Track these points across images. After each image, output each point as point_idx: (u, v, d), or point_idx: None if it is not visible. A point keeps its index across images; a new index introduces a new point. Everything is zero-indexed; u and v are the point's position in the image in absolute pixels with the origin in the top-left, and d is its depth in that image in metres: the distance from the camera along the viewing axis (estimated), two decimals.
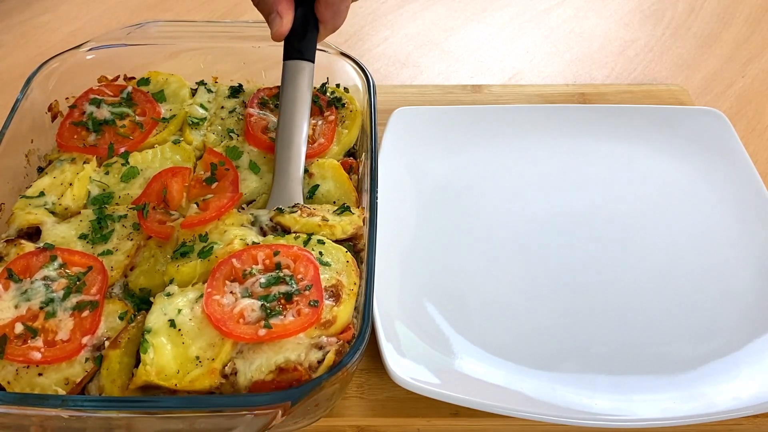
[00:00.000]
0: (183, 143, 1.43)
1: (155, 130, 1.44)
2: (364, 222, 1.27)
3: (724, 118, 1.65)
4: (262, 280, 1.13)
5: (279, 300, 1.10)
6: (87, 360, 1.06)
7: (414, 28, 2.15)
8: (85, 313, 1.10)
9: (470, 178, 1.58)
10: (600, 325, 1.32)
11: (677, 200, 1.54)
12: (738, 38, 2.09)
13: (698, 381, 1.23)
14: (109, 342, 1.09)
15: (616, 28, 2.15)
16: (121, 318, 1.11)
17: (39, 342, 1.06)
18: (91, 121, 1.43)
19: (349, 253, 1.21)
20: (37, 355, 1.04)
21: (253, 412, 0.96)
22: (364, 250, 1.24)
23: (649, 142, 1.64)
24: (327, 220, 1.25)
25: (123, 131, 1.42)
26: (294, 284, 1.12)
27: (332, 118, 1.48)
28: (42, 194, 1.31)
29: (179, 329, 1.08)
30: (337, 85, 1.55)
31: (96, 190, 1.34)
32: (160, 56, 1.57)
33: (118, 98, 1.49)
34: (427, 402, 1.18)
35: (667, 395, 1.21)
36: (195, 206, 1.28)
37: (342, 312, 1.12)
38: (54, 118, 1.48)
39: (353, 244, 1.26)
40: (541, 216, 1.51)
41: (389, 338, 1.24)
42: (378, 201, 1.26)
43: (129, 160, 1.38)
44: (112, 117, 1.44)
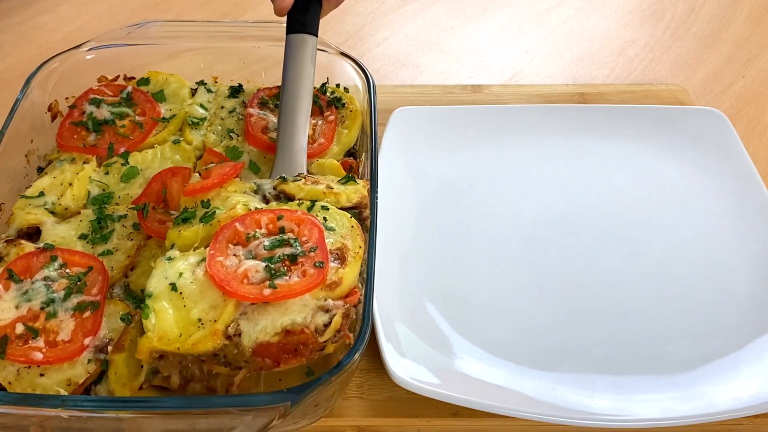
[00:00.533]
0: (183, 143, 1.43)
1: (155, 130, 1.44)
2: (368, 192, 1.26)
3: (724, 118, 1.65)
4: (266, 242, 1.11)
5: (283, 262, 1.08)
6: (90, 361, 1.06)
7: (414, 28, 2.15)
8: (87, 314, 1.10)
9: (470, 178, 1.58)
10: (600, 325, 1.32)
11: (677, 200, 1.54)
12: (738, 38, 2.09)
13: (698, 381, 1.23)
14: (113, 345, 1.09)
15: (616, 28, 2.15)
16: (122, 319, 1.11)
17: (40, 342, 1.06)
18: (90, 121, 1.43)
19: (353, 219, 1.20)
20: (39, 356, 1.04)
21: (253, 412, 0.96)
22: (369, 219, 1.23)
23: (649, 142, 1.64)
24: (332, 188, 1.24)
25: (123, 131, 1.42)
26: (298, 246, 1.10)
27: (332, 118, 1.48)
28: (42, 194, 1.31)
29: (180, 292, 1.06)
30: (337, 85, 1.55)
31: (96, 190, 1.34)
32: (160, 56, 1.57)
33: (118, 98, 1.49)
34: (427, 402, 1.18)
35: (667, 395, 1.21)
36: (197, 175, 1.27)
37: (348, 274, 1.10)
38: (54, 118, 1.48)
39: (358, 212, 1.25)
40: (541, 216, 1.51)
41: (389, 338, 1.24)
42: (378, 201, 1.26)
43: (129, 160, 1.38)
44: (111, 117, 1.44)
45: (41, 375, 1.04)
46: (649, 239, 1.46)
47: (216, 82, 1.60)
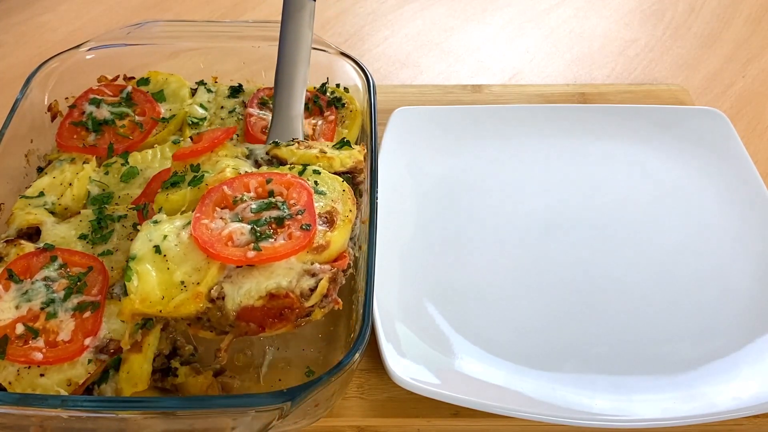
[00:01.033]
0: (183, 143, 1.43)
1: (155, 130, 1.44)
2: (364, 158, 1.24)
3: (724, 117, 1.64)
4: (253, 205, 1.10)
5: (270, 224, 1.07)
6: (90, 361, 1.06)
7: (414, 28, 2.15)
8: (87, 314, 1.10)
9: (470, 178, 1.58)
10: (600, 325, 1.32)
11: (677, 200, 1.54)
12: (738, 38, 2.09)
13: (698, 381, 1.23)
14: (131, 345, 1.09)
15: (617, 28, 2.15)
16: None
17: (40, 342, 1.06)
18: (90, 121, 1.43)
19: (345, 183, 1.18)
20: (39, 356, 1.04)
21: (252, 412, 0.96)
22: (364, 182, 1.21)
23: (649, 142, 1.64)
24: (325, 152, 1.22)
25: (123, 131, 1.42)
26: (286, 209, 1.09)
27: (332, 118, 1.48)
28: (42, 194, 1.31)
29: (164, 255, 1.05)
30: (337, 85, 1.55)
31: (96, 190, 1.34)
32: (160, 56, 1.57)
33: (118, 98, 1.49)
34: (427, 402, 1.18)
35: (668, 395, 1.21)
36: (189, 140, 1.25)
37: (336, 237, 1.08)
38: (54, 118, 1.48)
39: (352, 176, 1.23)
40: (541, 216, 1.51)
41: (389, 338, 1.24)
42: (378, 201, 1.26)
43: (129, 160, 1.38)
44: (111, 117, 1.44)
45: (41, 375, 1.04)
46: (649, 239, 1.46)
47: (216, 82, 1.60)
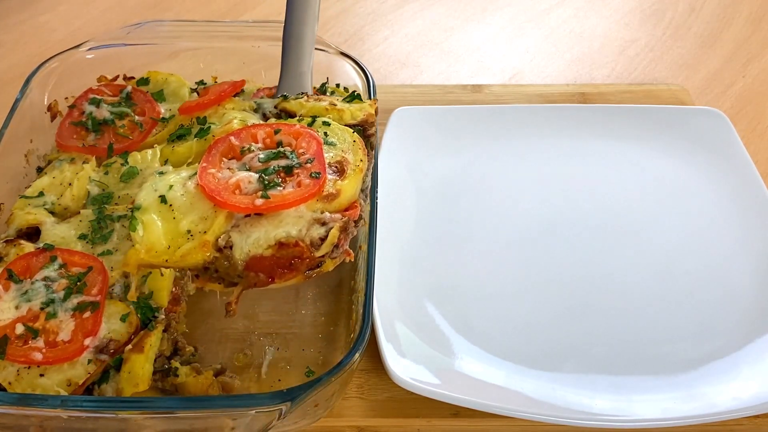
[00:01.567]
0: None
1: (155, 130, 1.44)
2: (375, 112, 1.22)
3: (724, 117, 1.64)
4: (260, 155, 1.08)
5: (278, 173, 1.05)
6: (90, 361, 1.06)
7: (414, 28, 2.15)
8: (86, 314, 1.09)
9: (470, 178, 1.58)
10: (600, 325, 1.32)
11: (677, 200, 1.54)
12: (738, 38, 2.09)
13: (698, 381, 1.23)
14: (132, 345, 1.09)
15: (617, 28, 2.15)
16: (122, 320, 1.11)
17: (40, 342, 1.06)
18: (90, 121, 1.43)
19: (356, 134, 1.16)
20: (39, 356, 1.04)
21: (252, 412, 0.96)
22: (374, 136, 1.20)
23: (649, 142, 1.64)
24: (335, 104, 1.21)
25: (122, 131, 1.42)
26: (294, 158, 1.07)
27: None
28: (41, 194, 1.31)
29: (170, 204, 1.04)
30: (337, 85, 1.55)
31: (95, 190, 1.34)
32: (160, 56, 1.57)
33: (118, 98, 1.48)
34: (427, 402, 1.18)
35: (667, 395, 1.21)
36: (195, 95, 1.23)
37: (347, 186, 1.07)
38: (53, 117, 1.48)
39: (363, 129, 1.21)
40: (541, 216, 1.51)
41: (389, 338, 1.24)
42: (378, 201, 1.26)
43: (128, 160, 1.37)
44: (111, 117, 1.43)
45: (41, 375, 1.04)
46: (649, 239, 1.46)
47: (216, 82, 1.60)
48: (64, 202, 1.30)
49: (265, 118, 1.20)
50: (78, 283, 1.13)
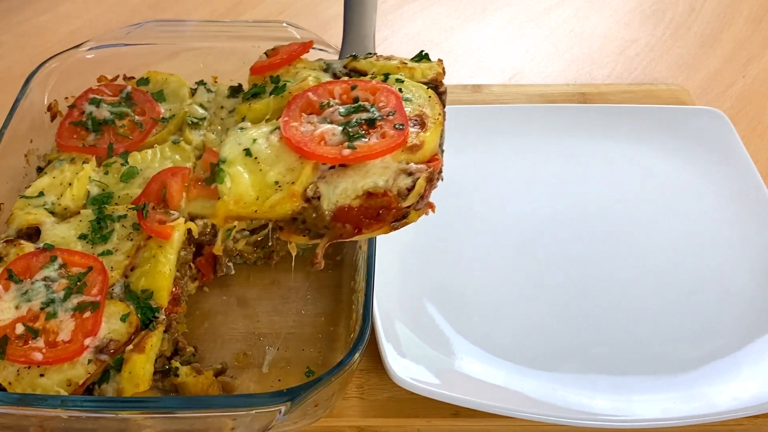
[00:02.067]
0: (182, 143, 1.43)
1: (155, 130, 1.44)
2: (443, 72, 1.24)
3: (724, 118, 1.64)
4: (341, 109, 1.11)
5: (361, 125, 1.07)
6: (90, 361, 1.06)
7: (414, 28, 2.15)
8: (87, 314, 1.09)
9: (470, 177, 1.58)
10: (600, 325, 1.32)
11: (677, 200, 1.54)
12: (738, 38, 2.09)
13: (698, 381, 1.23)
14: (133, 346, 1.09)
15: (617, 28, 2.15)
16: (122, 320, 1.11)
17: (40, 342, 1.06)
18: (90, 121, 1.43)
19: (430, 90, 1.19)
20: (39, 356, 1.04)
21: (252, 412, 0.96)
22: (446, 94, 1.22)
23: (649, 142, 1.64)
24: (406, 63, 1.24)
25: (122, 131, 1.42)
26: (375, 111, 1.09)
27: None
28: (41, 194, 1.31)
29: (255, 157, 1.07)
30: None
31: (95, 190, 1.34)
32: (160, 56, 1.57)
33: (118, 98, 1.48)
34: (427, 402, 1.18)
35: (668, 395, 1.21)
36: (264, 55, 1.27)
37: (429, 138, 1.09)
38: (53, 117, 1.48)
39: (435, 87, 1.23)
40: (541, 216, 1.51)
41: (389, 338, 1.24)
42: None
43: (128, 160, 1.38)
44: (111, 117, 1.43)
45: (41, 375, 1.04)
46: (649, 239, 1.46)
47: (216, 82, 1.60)
48: (64, 202, 1.30)
49: (336, 77, 1.23)
50: (78, 283, 1.13)
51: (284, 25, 1.54)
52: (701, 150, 1.61)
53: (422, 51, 1.29)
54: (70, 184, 1.32)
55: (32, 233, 1.27)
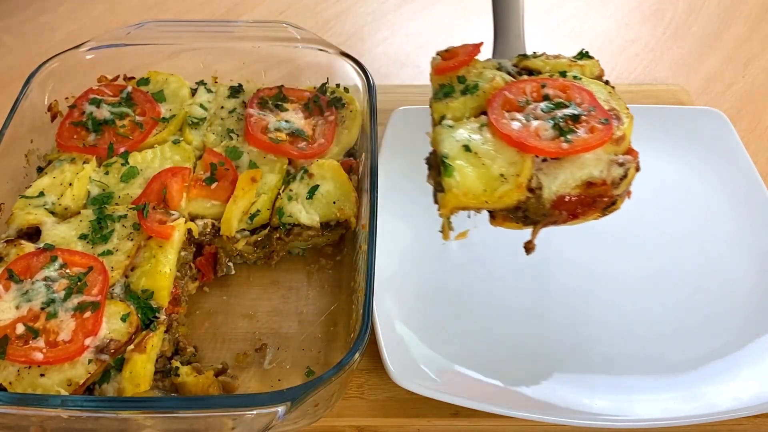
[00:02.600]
0: (183, 143, 1.43)
1: (155, 130, 1.44)
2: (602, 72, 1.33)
3: (724, 118, 1.64)
4: (542, 106, 1.19)
5: (566, 121, 1.16)
6: (90, 361, 1.06)
7: (414, 28, 2.15)
8: (87, 314, 1.10)
9: None
10: (600, 325, 1.32)
11: (677, 200, 1.53)
12: (738, 38, 2.09)
13: (699, 381, 1.23)
14: (134, 346, 1.09)
15: (617, 28, 2.15)
16: (123, 320, 1.11)
17: (41, 342, 1.06)
18: (90, 121, 1.43)
19: (608, 85, 1.27)
20: (39, 356, 1.04)
21: (253, 412, 0.96)
22: (614, 89, 1.28)
23: (649, 142, 1.63)
24: (575, 60, 1.33)
25: (123, 131, 1.42)
26: (576, 108, 1.18)
27: (332, 118, 1.48)
28: (42, 194, 1.31)
29: (475, 152, 1.16)
30: (337, 85, 1.55)
31: (96, 190, 1.34)
32: (160, 56, 1.57)
33: (118, 98, 1.49)
34: (427, 402, 1.18)
35: (668, 395, 1.21)
36: (438, 57, 1.38)
37: (628, 129, 1.18)
38: (54, 118, 1.48)
39: (604, 83, 1.31)
40: None
41: (389, 338, 1.24)
42: (378, 201, 1.26)
43: (129, 160, 1.38)
44: (111, 117, 1.44)
45: (42, 375, 1.04)
46: (649, 239, 1.46)
47: (216, 82, 1.60)
48: (64, 202, 1.30)
49: (511, 76, 1.31)
50: (78, 283, 1.14)
51: (284, 25, 1.54)
52: (701, 150, 1.60)
53: (583, 49, 1.37)
54: (70, 184, 1.32)
55: (32, 233, 1.27)
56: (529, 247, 1.20)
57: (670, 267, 1.41)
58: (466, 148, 1.17)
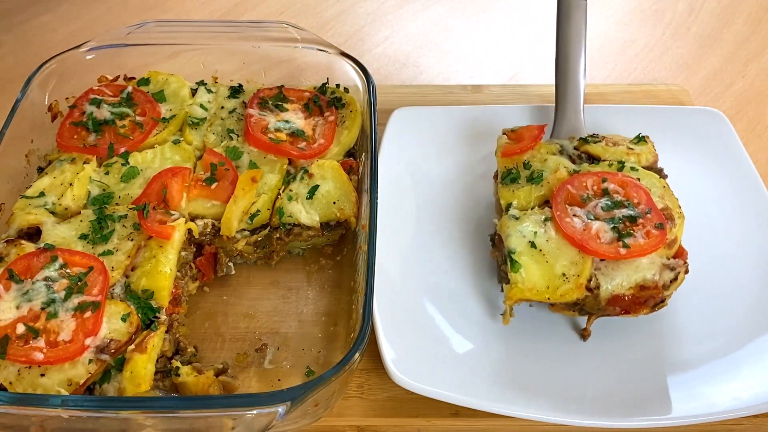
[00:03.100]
0: (183, 143, 1.43)
1: (155, 130, 1.44)
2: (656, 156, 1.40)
3: (724, 118, 1.64)
4: (601, 204, 1.27)
5: (624, 222, 1.23)
6: (90, 361, 1.06)
7: (414, 28, 2.15)
8: (87, 314, 1.10)
9: (470, 178, 1.58)
10: (599, 325, 1.32)
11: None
12: (738, 38, 2.09)
13: (698, 381, 1.23)
14: (135, 346, 1.09)
15: (616, 28, 2.15)
16: (123, 320, 1.11)
17: (41, 342, 1.06)
18: (91, 121, 1.43)
19: (662, 179, 1.33)
20: (39, 356, 1.04)
21: (253, 412, 0.97)
22: (667, 178, 1.36)
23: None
24: (632, 149, 1.38)
25: (123, 131, 1.42)
26: (633, 208, 1.24)
27: (332, 118, 1.48)
28: (42, 194, 1.31)
29: (540, 249, 1.24)
30: (337, 86, 1.55)
31: (96, 190, 1.34)
32: (160, 56, 1.57)
33: (118, 98, 1.49)
34: (427, 402, 1.18)
35: (667, 395, 1.21)
36: (504, 137, 1.45)
37: (679, 233, 1.26)
38: (54, 118, 1.48)
39: (657, 171, 1.37)
40: None
41: (389, 338, 1.24)
42: (378, 201, 1.26)
43: (129, 160, 1.38)
44: (112, 117, 1.44)
45: (42, 375, 1.05)
46: None
47: (216, 82, 1.60)
48: (64, 202, 1.30)
49: (571, 159, 1.39)
50: (79, 283, 1.14)
51: (284, 25, 1.54)
52: (701, 150, 1.61)
53: (639, 134, 1.44)
54: (70, 185, 1.32)
55: (33, 233, 1.27)
56: (585, 334, 1.28)
57: None
58: (532, 244, 1.24)
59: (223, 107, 1.51)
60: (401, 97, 1.76)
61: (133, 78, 1.56)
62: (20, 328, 1.07)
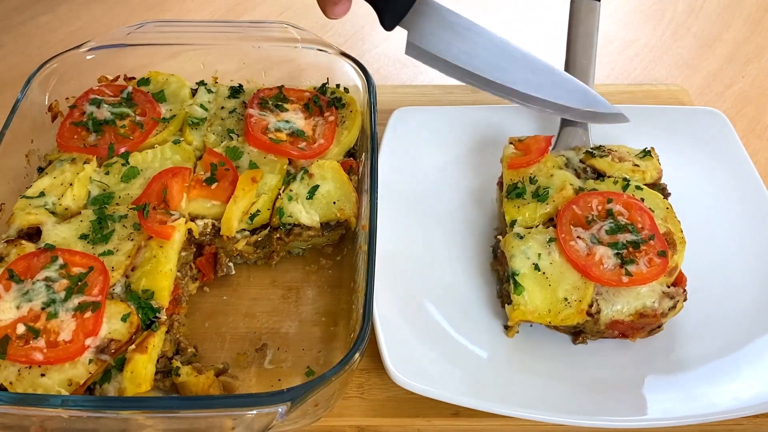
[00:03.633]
0: (183, 143, 1.43)
1: (155, 131, 1.45)
2: (660, 171, 1.40)
3: (724, 118, 1.64)
4: (606, 227, 1.27)
5: (627, 248, 1.24)
6: (91, 361, 1.06)
7: None
8: (87, 314, 1.10)
9: (470, 178, 1.58)
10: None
11: (677, 200, 1.53)
12: (738, 38, 2.09)
13: (698, 381, 1.23)
14: (135, 346, 1.09)
15: (616, 28, 2.15)
16: (123, 320, 1.11)
17: (41, 342, 1.06)
18: (91, 122, 1.43)
19: (665, 200, 1.33)
20: (40, 356, 1.05)
21: (253, 412, 0.97)
22: (669, 196, 1.36)
23: (649, 142, 1.64)
24: (638, 165, 1.38)
25: (123, 131, 1.43)
26: (636, 233, 1.26)
27: (332, 118, 1.48)
28: (42, 194, 1.31)
29: (543, 272, 1.24)
30: (337, 86, 1.55)
31: (96, 191, 1.34)
32: (160, 56, 1.57)
33: (119, 98, 1.49)
34: (427, 402, 1.18)
35: (668, 395, 1.21)
36: (511, 146, 1.44)
37: (679, 260, 1.26)
38: (54, 118, 1.48)
39: (661, 189, 1.37)
40: None
41: (389, 338, 1.24)
42: (378, 201, 1.26)
43: (129, 160, 1.38)
44: (112, 117, 1.44)
45: (42, 375, 1.05)
46: None
47: (216, 82, 1.60)
48: (64, 203, 1.30)
49: (576, 173, 1.39)
50: (79, 283, 1.14)
51: (284, 25, 1.54)
52: (700, 150, 1.61)
53: (646, 148, 1.45)
54: (71, 185, 1.32)
55: (33, 233, 1.27)
56: (575, 343, 1.30)
57: None
58: (536, 267, 1.25)
59: (223, 107, 1.51)
60: (401, 97, 1.76)
61: (133, 78, 1.56)
62: (20, 328, 1.07)
